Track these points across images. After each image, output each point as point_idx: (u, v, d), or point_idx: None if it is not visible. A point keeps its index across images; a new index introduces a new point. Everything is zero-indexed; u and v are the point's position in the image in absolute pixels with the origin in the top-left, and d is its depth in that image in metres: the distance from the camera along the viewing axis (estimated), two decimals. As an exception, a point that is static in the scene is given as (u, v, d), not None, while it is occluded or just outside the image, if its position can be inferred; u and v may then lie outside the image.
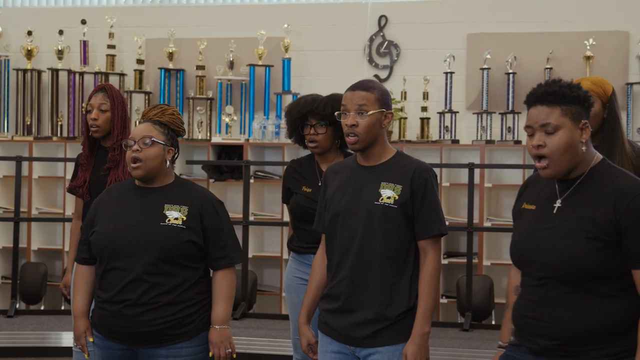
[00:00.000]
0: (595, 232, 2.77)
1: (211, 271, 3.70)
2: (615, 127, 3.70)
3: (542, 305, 2.86)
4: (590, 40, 7.76)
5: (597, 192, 2.82)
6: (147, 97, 8.55)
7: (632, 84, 7.76)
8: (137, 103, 8.57)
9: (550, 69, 7.82)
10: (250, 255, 7.64)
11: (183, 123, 3.77)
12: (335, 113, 3.63)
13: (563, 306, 2.81)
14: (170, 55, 8.49)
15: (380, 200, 3.48)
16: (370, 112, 3.49)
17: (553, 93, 2.84)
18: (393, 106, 7.92)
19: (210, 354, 3.62)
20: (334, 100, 4.51)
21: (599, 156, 2.93)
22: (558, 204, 2.90)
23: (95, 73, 8.53)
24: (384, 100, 3.54)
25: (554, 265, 2.82)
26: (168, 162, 3.65)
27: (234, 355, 3.69)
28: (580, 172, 2.88)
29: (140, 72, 8.55)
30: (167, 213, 3.59)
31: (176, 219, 3.58)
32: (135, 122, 8.34)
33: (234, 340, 3.70)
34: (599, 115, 3.76)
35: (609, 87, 3.80)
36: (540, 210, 2.94)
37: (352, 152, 3.67)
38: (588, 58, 7.79)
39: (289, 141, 4.85)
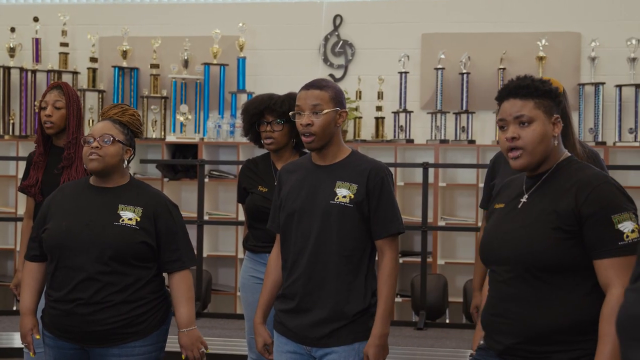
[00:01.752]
0: (557, 223, 2.79)
1: (166, 275, 3.70)
2: (566, 128, 3.73)
3: (505, 302, 2.87)
4: (543, 41, 7.84)
5: (560, 185, 2.85)
6: (100, 96, 8.48)
7: (583, 84, 7.84)
8: (91, 101, 8.51)
9: (504, 69, 7.89)
10: (204, 255, 7.61)
11: (142, 125, 3.77)
12: (290, 113, 3.63)
13: (526, 302, 2.82)
14: (124, 54, 8.43)
15: (335, 199, 3.48)
16: (325, 111, 3.49)
17: (526, 87, 2.87)
18: (348, 106, 7.98)
19: (184, 357, 3.63)
20: (292, 98, 4.51)
21: (567, 153, 2.96)
22: (524, 199, 2.92)
23: (48, 71, 8.44)
24: (338, 99, 3.54)
25: (517, 259, 2.83)
26: (125, 162, 3.65)
27: (207, 350, 3.71)
28: (548, 167, 2.91)
29: (94, 70, 8.48)
30: (121, 213, 3.58)
31: (130, 219, 3.57)
32: (89, 120, 8.29)
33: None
34: (551, 115, 3.80)
35: (560, 88, 3.83)
36: (507, 207, 2.97)
37: (308, 151, 3.67)
38: (541, 59, 7.87)
39: (244, 140, 4.85)
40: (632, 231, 2.75)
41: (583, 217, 2.77)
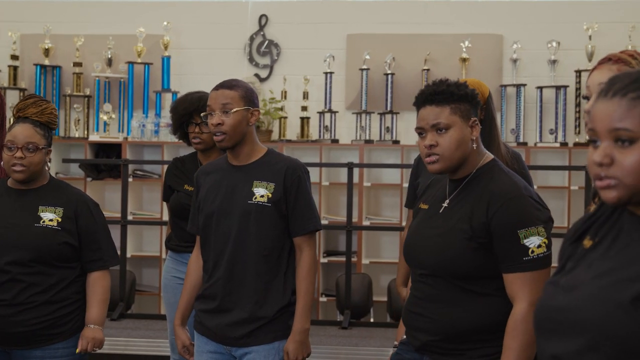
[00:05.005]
0: (470, 233, 2.82)
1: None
2: (491, 129, 3.78)
3: (425, 301, 2.91)
4: (466, 43, 7.93)
5: (477, 193, 2.87)
6: (22, 94, 8.34)
7: (505, 85, 7.96)
8: (12, 99, 8.35)
9: (428, 70, 7.97)
10: (128, 255, 7.53)
11: (57, 117, 3.71)
12: (202, 114, 3.64)
13: (444, 303, 2.86)
14: (46, 52, 8.31)
15: (253, 199, 3.50)
16: (235, 110, 3.50)
17: (441, 92, 2.86)
18: (273, 105, 8.00)
19: (78, 350, 3.58)
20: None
21: (489, 156, 2.98)
22: (445, 204, 2.95)
23: (-32, 68, 8.29)
24: (249, 98, 3.56)
25: (434, 264, 2.87)
26: (48, 165, 3.62)
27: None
28: (468, 171, 2.92)
29: (15, 68, 8.34)
30: (42, 214, 3.56)
31: (51, 220, 3.55)
32: (10, 119, 8.14)
33: (112, 340, 3.66)
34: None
35: (486, 90, 3.87)
36: (430, 210, 2.99)
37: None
38: (464, 60, 7.96)
39: (169, 140, 4.83)
40: (539, 246, 2.78)
41: (492, 231, 2.80)
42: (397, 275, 4.34)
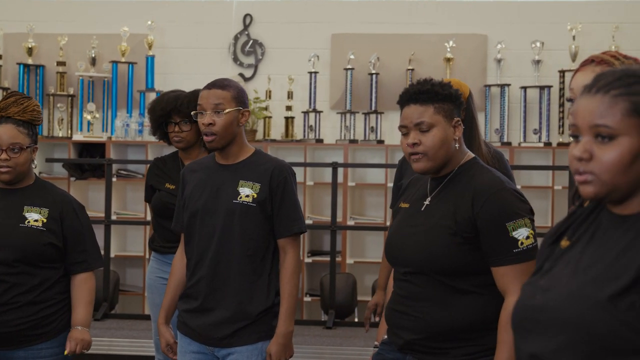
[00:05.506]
0: (455, 229, 2.83)
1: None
2: (472, 129, 3.79)
3: (409, 299, 2.91)
4: (451, 43, 7.95)
5: (460, 189, 2.89)
6: (4, 93, 8.29)
7: (490, 85, 7.98)
8: (-5, 99, 8.31)
9: (412, 70, 7.97)
10: (112, 255, 7.51)
11: (41, 113, 3.69)
12: (192, 113, 3.63)
13: (428, 301, 2.87)
14: (30, 51, 8.27)
15: (238, 199, 3.49)
16: (227, 111, 3.49)
17: (425, 92, 2.88)
18: (258, 105, 7.99)
19: (66, 352, 3.57)
20: (197, 97, 4.50)
21: (470, 155, 3.00)
22: (427, 201, 2.95)
23: (-50, 67, 8.24)
24: (241, 99, 3.55)
25: (418, 262, 2.87)
26: (34, 163, 3.61)
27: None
28: (450, 169, 2.94)
29: (-2, 67, 8.31)
30: (27, 215, 3.55)
31: (36, 220, 3.54)
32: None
33: (95, 340, 3.66)
34: (456, 116, 3.85)
35: (467, 89, 3.88)
36: (411, 208, 3.00)
37: (213, 150, 3.66)
38: (448, 60, 7.97)
39: (153, 139, 4.82)
40: (527, 237, 2.80)
41: (479, 225, 2.81)
42: (379, 277, 4.35)
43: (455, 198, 2.88)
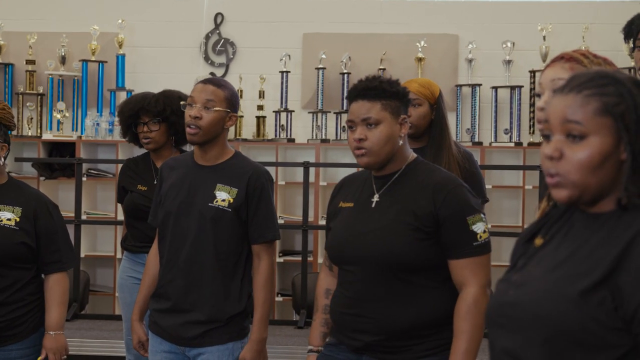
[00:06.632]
0: (416, 224, 2.87)
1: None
2: (442, 129, 3.80)
3: (363, 302, 2.92)
4: (422, 43, 7.96)
5: (416, 185, 2.93)
6: (-27, 92, 8.24)
7: (461, 85, 8.01)
8: (-37, 98, 8.26)
9: (384, 69, 7.98)
10: (82, 255, 7.47)
11: (13, 117, 3.68)
12: (182, 102, 3.61)
13: (386, 301, 2.88)
14: (-1, 49, 8.22)
15: (214, 202, 3.48)
16: (216, 109, 3.48)
17: (373, 88, 2.92)
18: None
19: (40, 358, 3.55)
20: (166, 96, 4.50)
21: (413, 155, 3.05)
22: (376, 198, 2.97)
23: None
24: (232, 102, 3.54)
25: (377, 259, 2.89)
26: (3, 161, 3.57)
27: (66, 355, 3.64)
28: (397, 167, 2.98)
29: (-34, 65, 8.24)
30: (0, 214, 3.51)
31: (9, 219, 3.52)
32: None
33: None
34: (426, 116, 3.87)
35: (437, 89, 3.89)
36: (358, 207, 3.01)
37: (187, 150, 3.65)
38: (420, 60, 7.99)
39: (123, 139, 4.79)
40: (484, 231, 2.91)
41: (440, 219, 2.87)
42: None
43: (411, 194, 2.92)
